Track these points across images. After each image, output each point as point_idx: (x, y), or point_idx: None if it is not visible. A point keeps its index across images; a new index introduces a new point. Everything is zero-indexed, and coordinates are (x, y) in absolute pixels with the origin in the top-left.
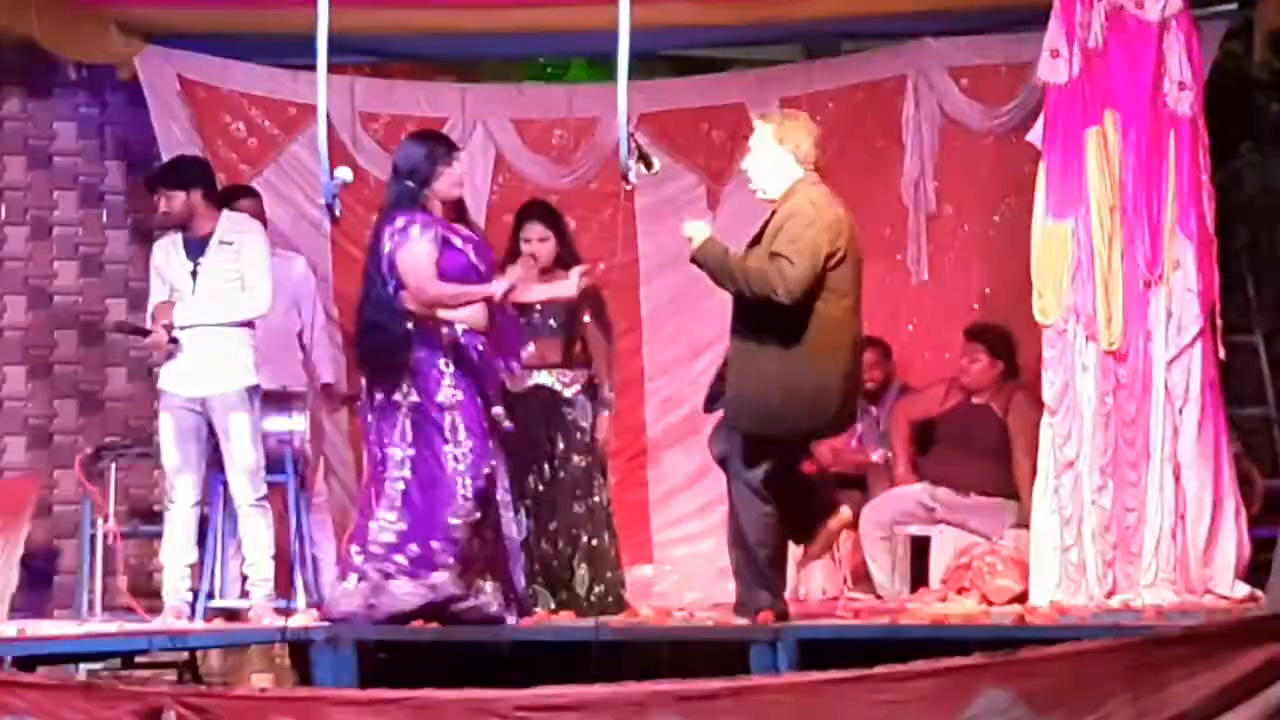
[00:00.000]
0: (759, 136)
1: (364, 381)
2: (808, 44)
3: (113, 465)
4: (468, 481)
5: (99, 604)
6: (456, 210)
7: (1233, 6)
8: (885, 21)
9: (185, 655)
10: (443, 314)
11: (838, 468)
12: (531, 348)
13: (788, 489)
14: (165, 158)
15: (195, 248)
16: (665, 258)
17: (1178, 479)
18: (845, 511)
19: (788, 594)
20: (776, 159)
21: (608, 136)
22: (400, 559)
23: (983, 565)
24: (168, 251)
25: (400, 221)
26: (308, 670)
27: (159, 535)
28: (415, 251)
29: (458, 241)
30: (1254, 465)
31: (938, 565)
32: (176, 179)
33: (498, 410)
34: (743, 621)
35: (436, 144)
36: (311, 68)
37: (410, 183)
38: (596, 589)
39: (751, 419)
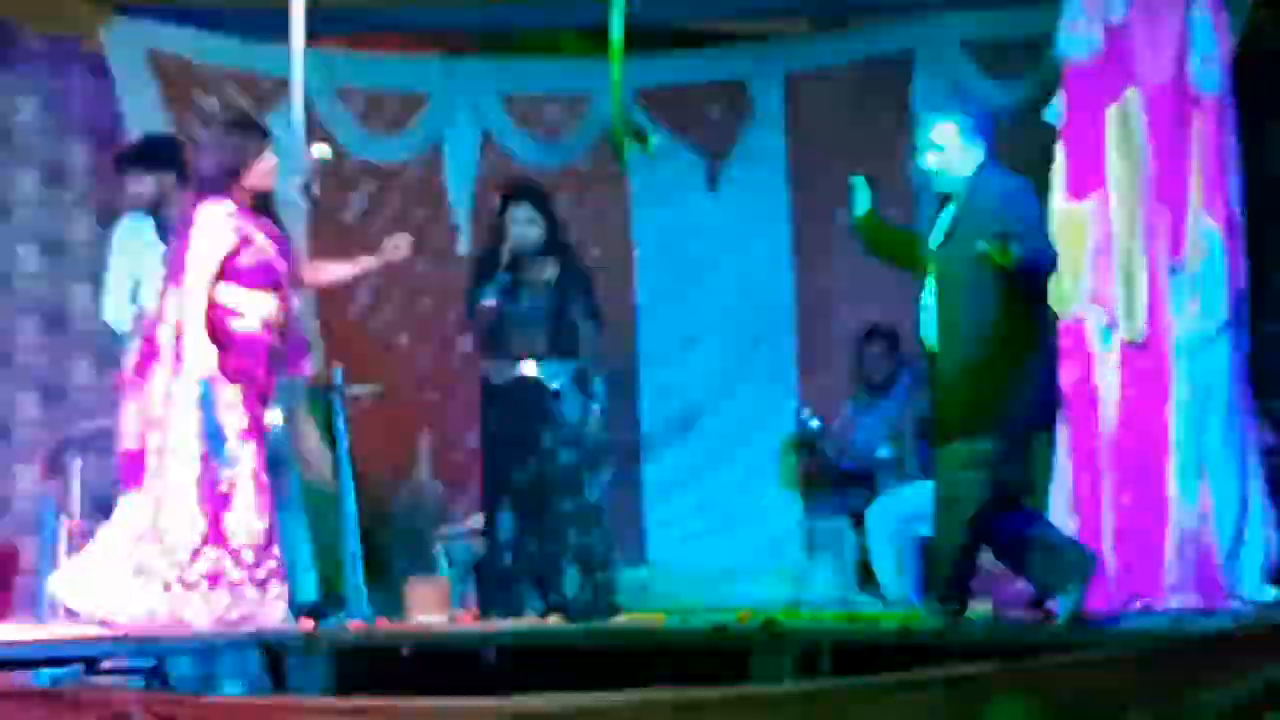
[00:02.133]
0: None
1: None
2: (812, 16)
3: (77, 460)
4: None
5: (62, 606)
6: (262, 201)
7: None
8: None
9: (153, 661)
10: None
11: (844, 464)
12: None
13: None
14: (132, 134)
15: (166, 230)
16: (661, 242)
17: (1202, 477)
18: None
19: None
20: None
21: (601, 113)
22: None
23: (996, 567)
24: (138, 232)
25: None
26: (282, 677)
27: None
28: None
29: (260, 239)
30: None
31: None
32: (148, 161)
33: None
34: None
35: (248, 133)
36: (287, 40)
37: (216, 172)
38: (587, 591)
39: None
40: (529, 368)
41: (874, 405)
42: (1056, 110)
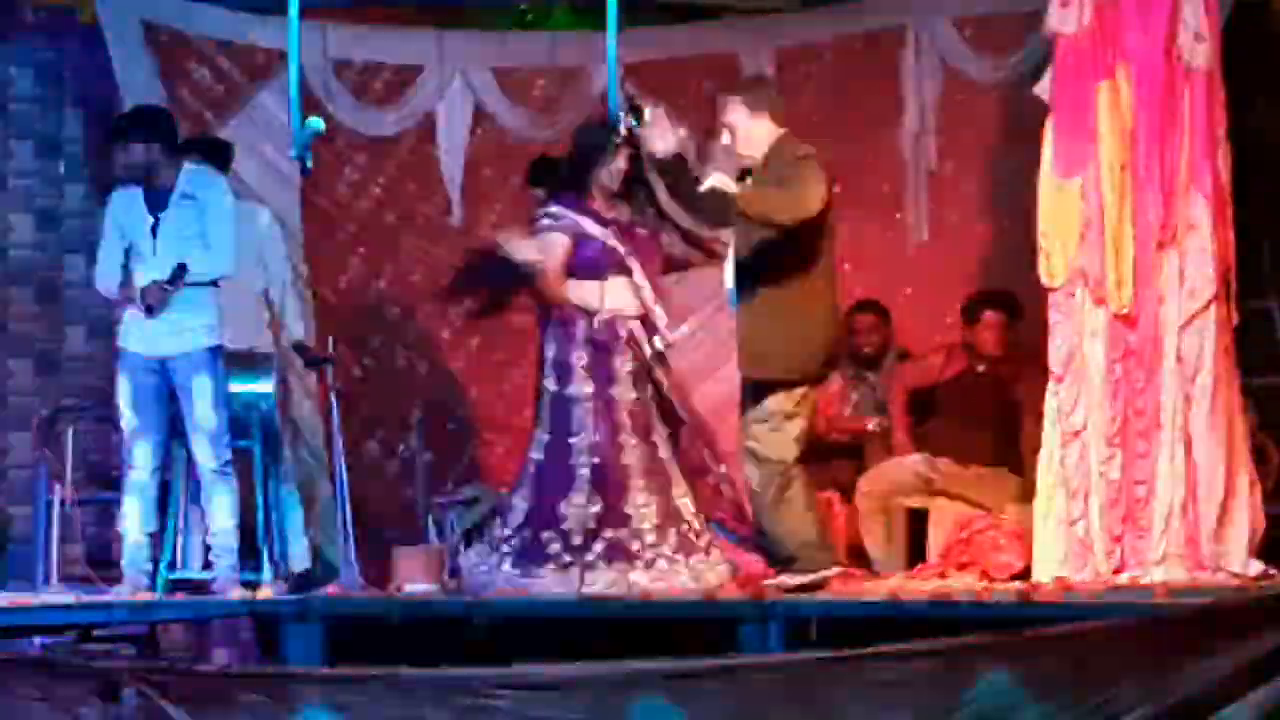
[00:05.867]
0: (733, 112)
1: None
2: None
3: (71, 429)
4: (585, 474)
5: (55, 574)
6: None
7: None
8: None
9: (145, 629)
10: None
11: (832, 436)
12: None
13: None
14: (127, 106)
15: (156, 201)
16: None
17: (1189, 451)
18: None
19: None
20: (758, 126)
21: (593, 87)
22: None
23: (984, 540)
24: (128, 203)
25: (554, 208)
26: (274, 646)
27: (118, 503)
28: (552, 241)
29: (600, 233)
30: (1269, 437)
31: (936, 539)
32: (137, 130)
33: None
34: None
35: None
36: (281, 12)
37: (577, 170)
38: None
39: (751, 363)
40: None
41: (862, 378)
42: (1046, 86)
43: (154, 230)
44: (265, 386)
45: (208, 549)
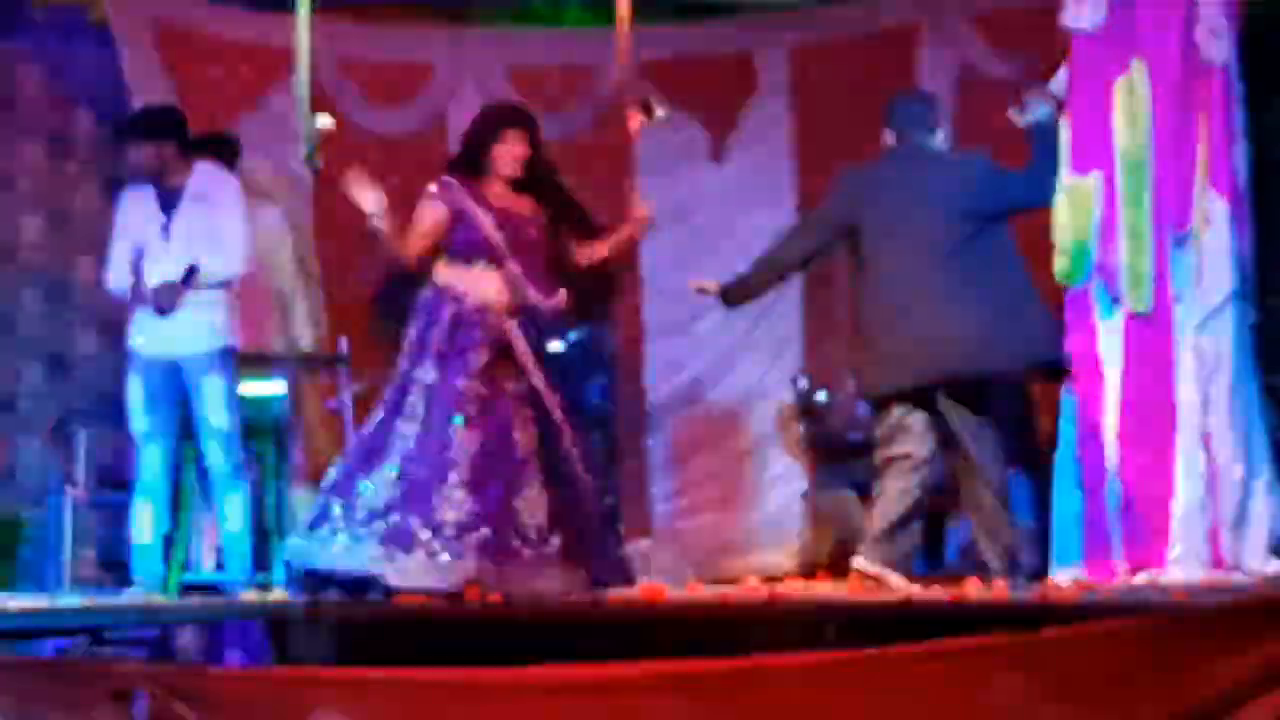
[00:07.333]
0: None
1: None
2: None
3: (82, 431)
4: (462, 467)
5: (67, 577)
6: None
7: None
8: None
9: (157, 632)
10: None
11: (848, 434)
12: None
13: None
14: (137, 104)
15: (167, 201)
16: (666, 213)
17: (1207, 449)
18: None
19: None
20: None
21: (605, 85)
22: (379, 525)
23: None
24: (139, 203)
25: (447, 179)
26: (286, 648)
27: (130, 505)
28: (423, 208)
29: (482, 218)
30: None
31: (954, 540)
32: (146, 129)
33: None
34: None
35: (501, 118)
36: (292, 11)
37: (467, 150)
38: None
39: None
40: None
41: None
42: (1062, 82)
43: (165, 230)
44: (277, 387)
45: (219, 551)
